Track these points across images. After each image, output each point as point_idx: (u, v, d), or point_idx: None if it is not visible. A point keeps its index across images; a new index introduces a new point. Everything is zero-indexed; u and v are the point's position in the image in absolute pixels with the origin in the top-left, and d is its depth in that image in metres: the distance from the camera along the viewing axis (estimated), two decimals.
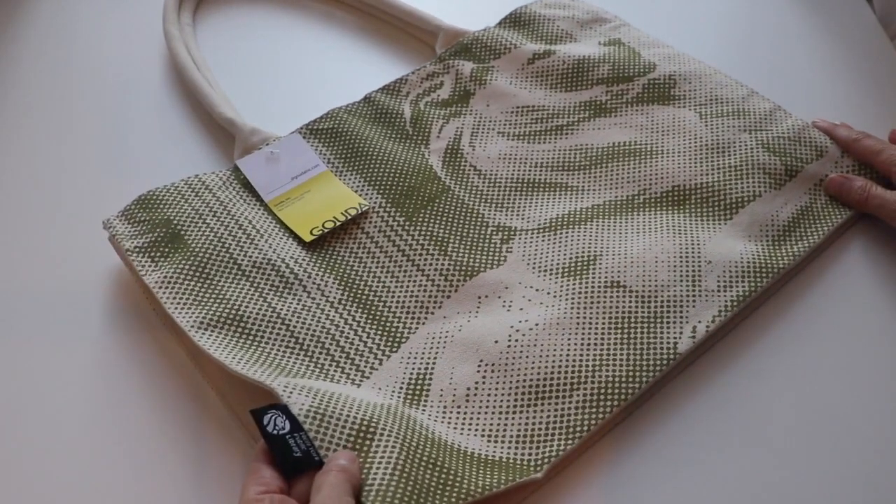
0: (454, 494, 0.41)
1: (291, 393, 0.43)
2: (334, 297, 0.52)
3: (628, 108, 0.63)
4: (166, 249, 0.53)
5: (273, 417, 0.42)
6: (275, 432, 0.42)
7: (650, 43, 0.67)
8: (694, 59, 0.65)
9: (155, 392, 0.50)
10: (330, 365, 0.48)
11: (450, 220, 0.56)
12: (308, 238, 0.54)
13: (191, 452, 0.47)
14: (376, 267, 0.54)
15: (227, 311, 0.50)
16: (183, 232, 0.54)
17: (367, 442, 0.42)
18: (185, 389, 0.50)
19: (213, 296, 0.51)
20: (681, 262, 0.52)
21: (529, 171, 0.60)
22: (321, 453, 0.41)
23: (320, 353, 0.49)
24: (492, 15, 0.71)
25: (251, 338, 0.49)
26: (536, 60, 0.66)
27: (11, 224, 0.60)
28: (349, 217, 0.55)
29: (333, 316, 0.51)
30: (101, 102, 0.69)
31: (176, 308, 0.50)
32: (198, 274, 0.52)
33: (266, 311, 0.50)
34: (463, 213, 0.57)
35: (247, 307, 0.50)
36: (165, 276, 0.52)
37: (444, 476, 0.42)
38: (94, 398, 0.50)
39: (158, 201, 0.56)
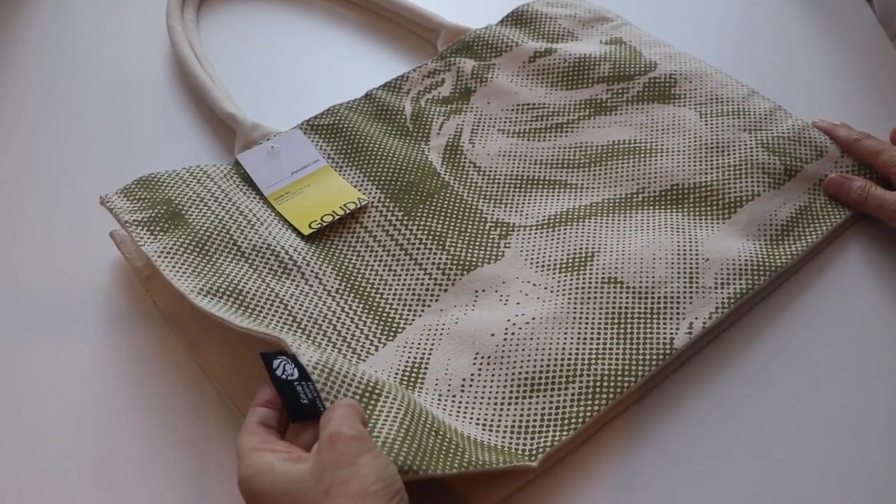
0: (456, 460, 0.41)
1: (300, 346, 0.44)
2: (332, 287, 0.52)
3: (628, 107, 0.63)
4: (166, 225, 0.53)
5: (283, 363, 0.42)
6: (283, 377, 0.42)
7: (651, 42, 0.67)
8: (695, 59, 0.65)
9: (154, 391, 0.50)
10: (327, 346, 0.49)
11: (448, 215, 0.56)
12: (306, 231, 0.54)
13: (191, 452, 0.47)
14: (374, 261, 0.54)
15: (226, 283, 0.50)
16: (183, 211, 0.54)
17: (373, 401, 0.42)
18: (185, 388, 0.50)
19: (213, 270, 0.51)
20: (678, 259, 0.52)
21: (529, 168, 0.60)
22: (326, 406, 0.41)
23: (317, 333, 0.49)
24: (494, 13, 0.71)
25: (250, 311, 0.49)
26: (537, 58, 0.66)
27: (13, 221, 0.60)
28: (348, 211, 0.56)
29: (330, 304, 0.51)
30: (103, 98, 0.69)
31: (176, 276, 0.50)
32: (198, 249, 0.52)
33: (265, 290, 0.50)
34: (461, 209, 0.57)
35: (246, 283, 0.50)
36: (165, 247, 0.52)
37: (445, 444, 0.42)
38: (93, 397, 0.50)
39: (159, 183, 0.56)
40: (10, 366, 0.51)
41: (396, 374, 0.48)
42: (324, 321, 0.50)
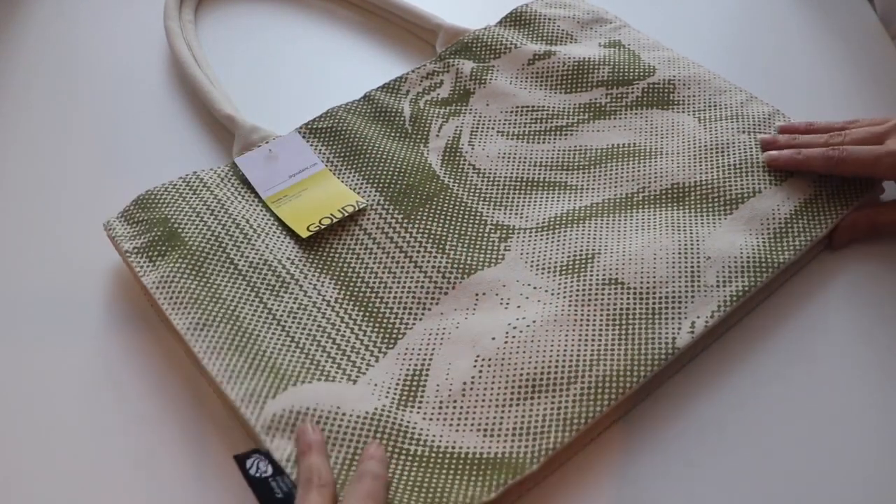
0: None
1: (273, 437, 0.44)
2: (331, 296, 0.52)
3: (628, 112, 0.62)
4: (163, 248, 0.53)
5: (256, 461, 0.43)
6: (257, 475, 0.42)
7: (650, 46, 0.67)
8: (694, 64, 0.65)
9: (154, 391, 0.50)
10: (326, 361, 0.48)
11: (448, 218, 0.56)
12: (304, 234, 0.54)
13: (190, 452, 0.47)
14: (374, 264, 0.53)
15: (222, 311, 0.50)
16: (180, 230, 0.54)
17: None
18: (185, 389, 0.50)
19: (210, 295, 0.51)
20: (679, 258, 0.52)
21: (528, 170, 0.59)
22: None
23: (316, 350, 0.49)
24: (492, 13, 0.71)
25: (246, 336, 0.49)
26: (537, 61, 0.66)
27: (12, 223, 0.60)
28: (346, 214, 0.55)
29: (330, 314, 0.51)
30: (101, 99, 0.69)
31: (173, 309, 0.50)
32: (194, 272, 0.52)
33: (261, 311, 0.50)
34: (461, 212, 0.57)
35: (242, 308, 0.50)
36: (163, 276, 0.52)
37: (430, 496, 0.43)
38: (92, 398, 0.50)
39: (157, 201, 0.56)
40: (10, 366, 0.51)
41: (398, 384, 0.48)
42: (322, 335, 0.50)
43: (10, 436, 0.48)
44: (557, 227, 0.55)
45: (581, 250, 0.53)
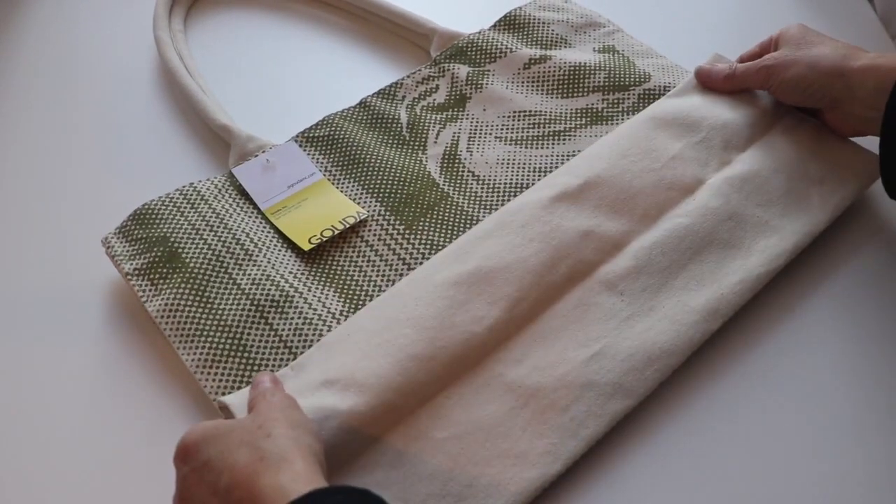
0: None
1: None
2: (336, 310, 0.51)
3: (624, 117, 0.62)
4: (165, 270, 0.52)
5: None
6: None
7: (643, 52, 0.67)
8: (687, 72, 0.65)
9: (154, 393, 0.50)
10: None
11: (449, 227, 0.56)
12: (306, 247, 0.53)
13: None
14: (376, 276, 0.53)
15: (229, 341, 0.49)
16: (180, 249, 0.53)
17: None
18: (184, 390, 0.50)
19: (216, 324, 0.50)
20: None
21: (528, 175, 0.59)
22: None
23: None
24: (487, 17, 0.70)
25: (255, 366, 0.49)
26: (532, 65, 0.66)
27: (9, 223, 0.59)
28: (347, 226, 0.55)
29: (336, 328, 0.50)
30: (100, 100, 0.67)
31: (180, 342, 0.50)
32: (198, 297, 0.51)
33: (268, 334, 0.50)
34: (462, 221, 0.56)
35: (249, 334, 0.50)
36: (166, 304, 0.51)
37: None
38: (92, 399, 0.50)
39: (154, 216, 0.55)
40: (9, 371, 0.51)
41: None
42: None
43: (9, 439, 0.48)
44: None
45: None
